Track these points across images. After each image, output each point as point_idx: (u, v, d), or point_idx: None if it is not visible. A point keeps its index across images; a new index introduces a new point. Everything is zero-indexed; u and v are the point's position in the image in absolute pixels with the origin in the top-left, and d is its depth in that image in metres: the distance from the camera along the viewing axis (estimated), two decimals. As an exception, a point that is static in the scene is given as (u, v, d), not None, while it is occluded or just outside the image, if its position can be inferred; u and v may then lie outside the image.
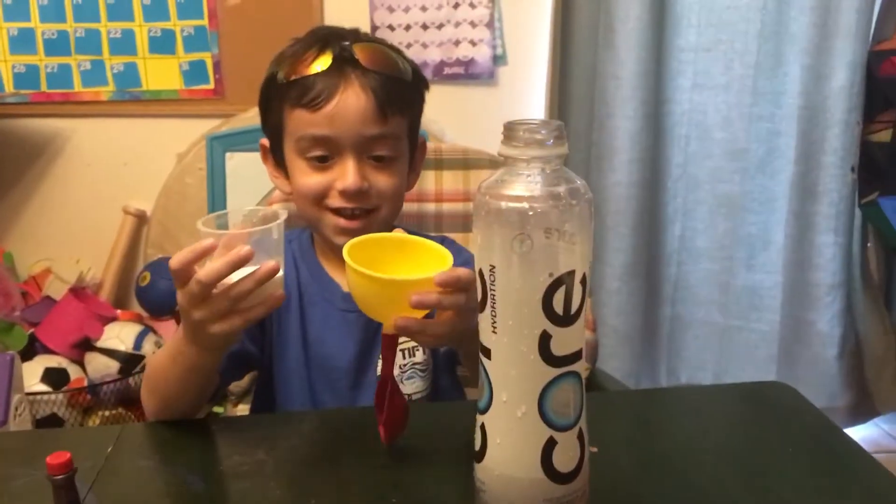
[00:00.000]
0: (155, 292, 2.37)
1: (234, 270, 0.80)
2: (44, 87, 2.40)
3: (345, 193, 1.04)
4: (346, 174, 1.03)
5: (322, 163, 1.05)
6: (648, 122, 2.45)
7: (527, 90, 2.48)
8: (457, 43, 2.43)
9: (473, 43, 2.43)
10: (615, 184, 2.45)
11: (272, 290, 0.83)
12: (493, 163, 1.40)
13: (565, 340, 0.62)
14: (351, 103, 1.03)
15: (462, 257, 1.16)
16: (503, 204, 0.61)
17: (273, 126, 1.10)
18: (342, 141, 1.04)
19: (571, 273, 0.60)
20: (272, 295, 0.84)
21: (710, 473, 0.84)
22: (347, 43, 1.05)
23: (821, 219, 2.46)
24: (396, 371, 1.09)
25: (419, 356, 1.11)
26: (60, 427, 2.08)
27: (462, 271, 0.79)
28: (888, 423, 2.70)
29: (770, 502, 0.79)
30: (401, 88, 1.07)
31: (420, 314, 0.81)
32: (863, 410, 2.62)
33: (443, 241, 1.20)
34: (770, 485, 0.82)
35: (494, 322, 0.62)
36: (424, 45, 2.42)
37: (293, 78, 1.04)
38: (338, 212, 1.06)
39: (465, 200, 1.40)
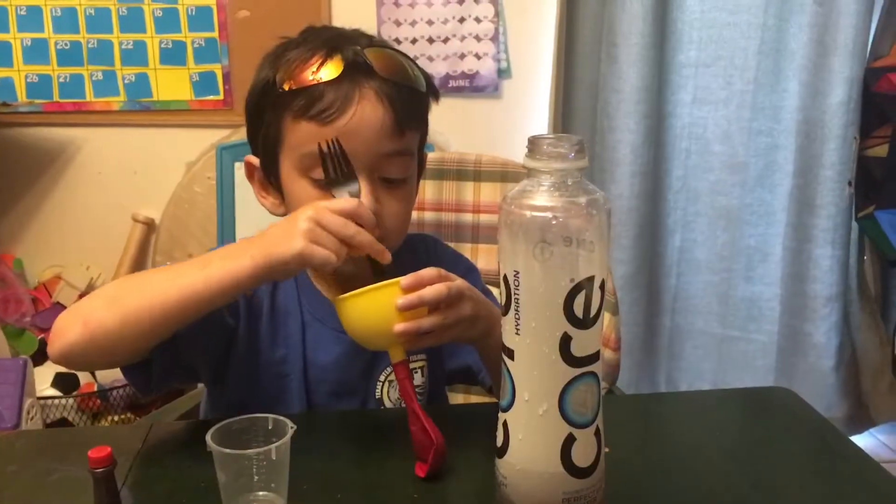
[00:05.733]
0: (163, 299, 2.37)
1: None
2: (56, 97, 2.42)
3: None
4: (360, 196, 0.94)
5: None
6: (650, 135, 2.47)
7: (530, 103, 2.51)
8: (462, 56, 2.47)
9: (478, 56, 2.47)
10: (617, 196, 2.48)
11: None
12: (529, 176, 1.43)
13: (585, 342, 0.66)
14: (367, 116, 0.93)
15: (462, 265, 1.19)
16: (527, 213, 0.65)
17: (267, 138, 0.99)
18: (355, 160, 0.94)
19: (591, 279, 0.64)
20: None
21: (718, 474, 0.88)
22: (359, 48, 0.96)
23: (818, 231, 2.48)
24: (395, 395, 1.07)
25: (418, 378, 1.08)
26: (70, 431, 2.12)
27: (423, 272, 0.83)
28: (884, 433, 2.73)
29: (777, 502, 0.83)
30: (416, 100, 0.99)
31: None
32: (859, 421, 2.65)
33: (423, 239, 1.17)
34: (777, 485, 0.86)
35: (518, 324, 0.66)
36: (430, 59, 2.46)
37: (297, 86, 0.93)
38: None
39: None
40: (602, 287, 0.65)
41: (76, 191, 2.51)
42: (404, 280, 0.82)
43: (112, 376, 2.27)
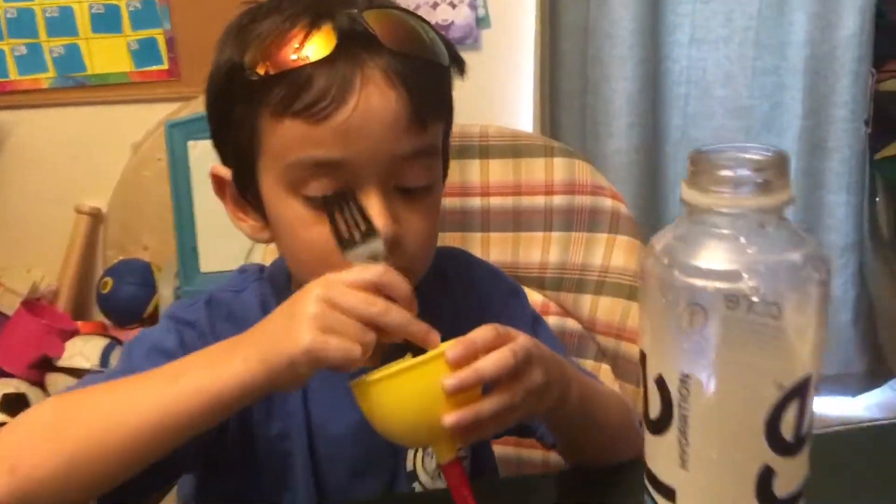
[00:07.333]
0: (119, 298, 2.26)
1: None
2: (-25, 78, 2.26)
3: None
4: (372, 218, 0.71)
5: None
6: (647, 82, 2.32)
7: (513, 54, 2.36)
8: (434, 6, 2.30)
9: (453, 5, 2.31)
10: (615, 151, 2.33)
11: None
12: (547, 149, 1.20)
13: (791, 475, 0.43)
14: (375, 107, 0.70)
15: (503, 287, 0.94)
16: (698, 283, 0.40)
17: (239, 144, 0.75)
18: (362, 166, 0.71)
19: (807, 381, 0.41)
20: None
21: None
22: (356, 11, 0.71)
23: (832, 176, 2.36)
24: (431, 465, 0.86)
25: None
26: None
27: (474, 335, 0.62)
28: (903, 386, 2.61)
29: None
30: (438, 78, 0.76)
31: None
32: (877, 374, 2.54)
33: (451, 256, 0.93)
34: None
35: (685, 453, 0.43)
36: (399, 9, 2.24)
37: (276, 70, 0.69)
38: None
39: (514, 194, 1.18)
40: (816, 389, 0.42)
41: (9, 183, 2.35)
42: (451, 350, 0.59)
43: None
